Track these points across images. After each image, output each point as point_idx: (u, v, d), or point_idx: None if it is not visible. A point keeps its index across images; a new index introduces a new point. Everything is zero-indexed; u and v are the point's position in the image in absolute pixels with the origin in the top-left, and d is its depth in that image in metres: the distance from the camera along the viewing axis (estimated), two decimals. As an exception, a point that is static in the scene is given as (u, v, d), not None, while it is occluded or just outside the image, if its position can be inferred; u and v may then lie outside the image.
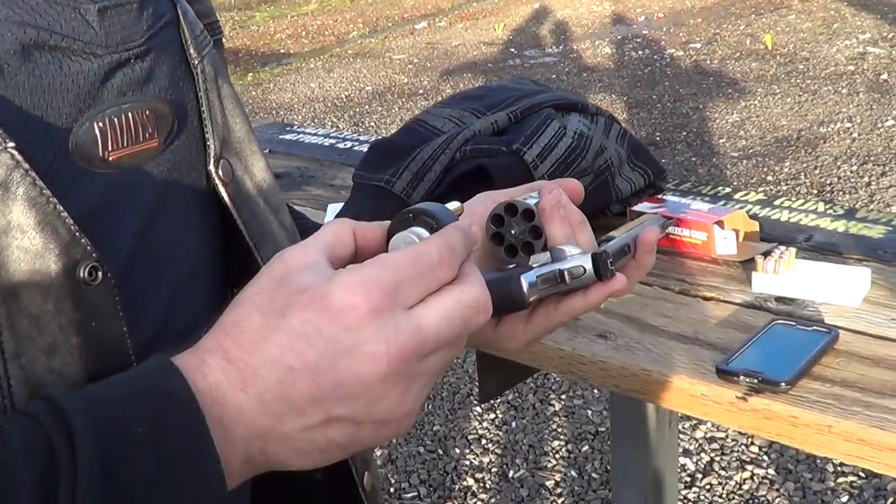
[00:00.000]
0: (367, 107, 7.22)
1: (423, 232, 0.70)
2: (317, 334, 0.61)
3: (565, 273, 0.83)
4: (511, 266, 0.86)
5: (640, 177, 1.83)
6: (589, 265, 0.83)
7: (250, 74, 8.63)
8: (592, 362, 1.40)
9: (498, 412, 3.44)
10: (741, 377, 1.28)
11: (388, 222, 0.71)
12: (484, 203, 0.91)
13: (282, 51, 9.56)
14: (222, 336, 0.63)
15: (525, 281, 0.82)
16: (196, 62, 0.83)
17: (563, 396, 3.50)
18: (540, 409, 3.44)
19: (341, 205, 1.82)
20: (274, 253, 0.72)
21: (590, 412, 3.40)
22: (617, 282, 0.84)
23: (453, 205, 0.76)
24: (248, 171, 0.88)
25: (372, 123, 6.77)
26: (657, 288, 1.57)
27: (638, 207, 1.77)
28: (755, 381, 1.27)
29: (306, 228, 0.98)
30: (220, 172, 0.84)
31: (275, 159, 2.45)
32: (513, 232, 0.88)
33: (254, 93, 7.95)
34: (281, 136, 2.67)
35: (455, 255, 0.67)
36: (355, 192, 1.78)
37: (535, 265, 0.85)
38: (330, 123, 6.88)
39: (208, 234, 0.83)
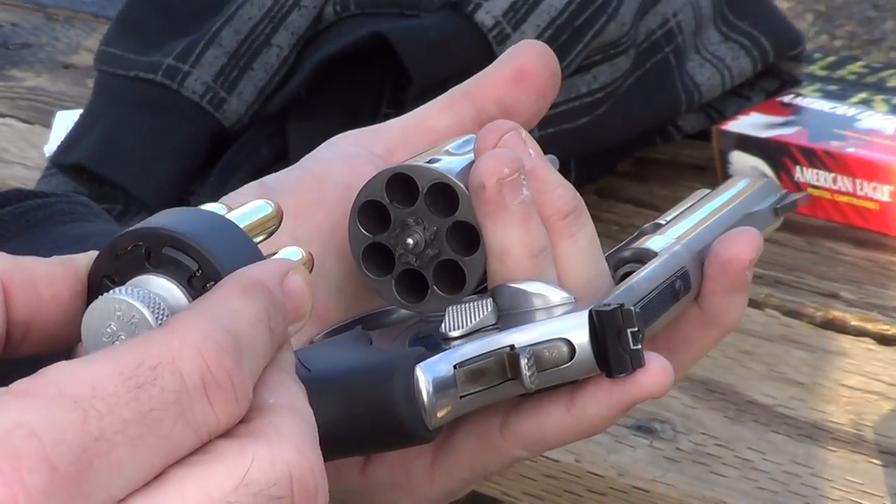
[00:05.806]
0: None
1: (169, 292, 0.35)
2: None
3: (523, 357, 0.43)
4: (411, 322, 0.48)
5: (742, 53, 1.14)
6: (583, 337, 0.43)
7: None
8: (616, 492, 0.79)
9: None
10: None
11: (83, 258, 0.37)
12: (343, 169, 0.51)
13: None
14: None
15: (425, 377, 0.42)
16: None
17: None
18: None
19: (78, 113, 1.15)
20: None
21: None
22: (648, 376, 0.44)
23: (255, 207, 0.39)
24: None
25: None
26: (775, 315, 0.93)
27: (736, 126, 1.08)
28: None
29: None
30: None
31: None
32: (409, 243, 0.47)
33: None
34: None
35: (246, 357, 0.34)
36: (101, 94, 1.12)
37: (453, 331, 0.44)
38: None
39: None
